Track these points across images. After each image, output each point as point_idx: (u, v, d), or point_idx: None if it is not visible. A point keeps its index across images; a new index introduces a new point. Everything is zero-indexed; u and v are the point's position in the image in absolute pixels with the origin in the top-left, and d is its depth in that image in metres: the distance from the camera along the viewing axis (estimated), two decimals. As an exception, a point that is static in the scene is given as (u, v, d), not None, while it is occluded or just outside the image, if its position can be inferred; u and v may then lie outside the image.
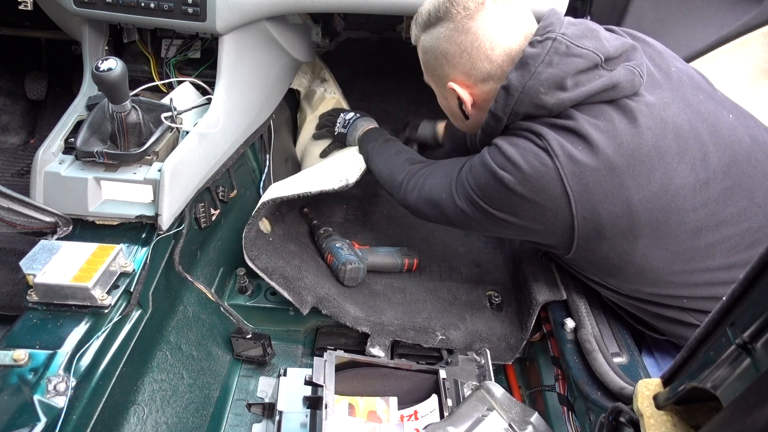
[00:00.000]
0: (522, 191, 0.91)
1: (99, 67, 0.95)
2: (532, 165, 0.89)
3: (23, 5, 1.51)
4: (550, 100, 0.89)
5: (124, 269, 0.99)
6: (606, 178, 0.87)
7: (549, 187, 0.89)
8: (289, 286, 1.25)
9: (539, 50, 0.90)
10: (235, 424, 1.20)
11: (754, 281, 0.43)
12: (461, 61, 0.98)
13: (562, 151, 0.87)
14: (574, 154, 0.87)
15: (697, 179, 0.89)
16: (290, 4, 1.21)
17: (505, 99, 0.93)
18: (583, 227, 0.91)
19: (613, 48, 0.91)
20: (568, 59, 0.88)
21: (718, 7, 1.32)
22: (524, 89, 0.90)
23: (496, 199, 0.96)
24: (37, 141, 1.98)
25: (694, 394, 0.52)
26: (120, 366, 0.94)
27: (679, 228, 0.89)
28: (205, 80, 1.29)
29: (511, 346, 1.23)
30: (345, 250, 1.37)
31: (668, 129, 0.89)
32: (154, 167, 1.09)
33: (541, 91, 0.89)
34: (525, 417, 0.87)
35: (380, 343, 1.21)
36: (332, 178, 1.34)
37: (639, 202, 0.87)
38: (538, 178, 0.89)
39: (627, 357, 1.01)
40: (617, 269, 0.97)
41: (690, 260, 0.92)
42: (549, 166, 0.88)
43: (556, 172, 0.88)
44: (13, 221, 0.98)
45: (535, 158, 0.89)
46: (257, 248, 1.27)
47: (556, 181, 0.88)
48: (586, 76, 0.89)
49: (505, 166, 0.92)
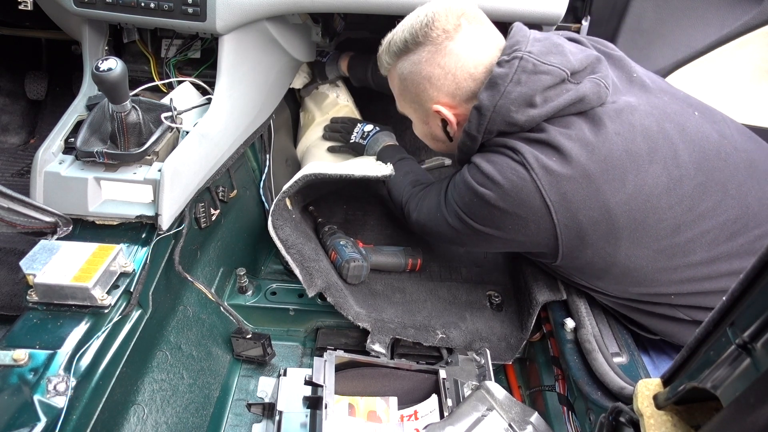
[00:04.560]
0: (503, 206, 0.94)
1: (99, 67, 0.95)
2: (510, 179, 0.92)
3: (23, 5, 1.51)
4: (522, 118, 0.92)
5: (124, 269, 0.99)
6: (582, 185, 0.90)
7: (528, 199, 0.92)
8: (304, 264, 1.24)
9: (507, 70, 0.92)
10: (235, 424, 1.20)
11: (754, 281, 0.43)
12: (446, 82, 1.00)
13: (537, 164, 0.90)
14: (549, 165, 0.90)
15: (670, 178, 0.91)
16: (290, 4, 1.21)
17: (477, 119, 0.96)
18: (566, 235, 0.94)
19: (578, 61, 0.94)
20: (535, 77, 0.91)
21: (718, 7, 1.33)
22: (496, 108, 0.93)
23: (480, 215, 0.99)
24: (37, 141, 1.98)
25: (694, 394, 0.52)
26: (120, 366, 0.94)
27: (657, 226, 0.92)
28: (205, 80, 1.29)
29: (511, 345, 1.23)
30: (349, 248, 1.37)
31: (637, 132, 0.92)
32: (154, 167, 1.09)
33: (512, 109, 0.92)
34: (525, 417, 0.87)
35: (380, 340, 1.21)
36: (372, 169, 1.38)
37: (616, 205, 0.90)
38: (517, 192, 0.92)
39: (627, 357, 1.01)
40: (603, 272, 0.99)
41: (672, 257, 0.94)
42: (526, 179, 0.91)
43: (534, 184, 0.90)
44: (13, 221, 0.98)
45: (512, 173, 0.92)
46: (283, 219, 1.28)
47: (535, 193, 0.91)
48: (554, 92, 0.92)
49: (485, 183, 0.95)
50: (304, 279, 1.23)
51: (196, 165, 1.17)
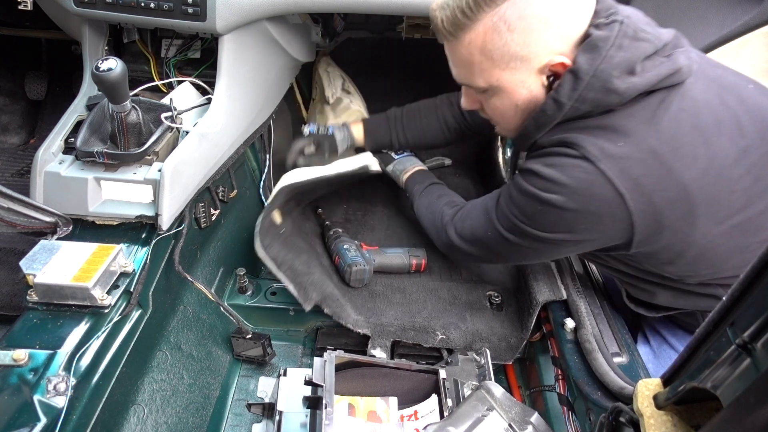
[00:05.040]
0: (574, 206, 0.88)
1: (99, 67, 0.95)
2: (576, 177, 0.86)
3: (23, 5, 1.51)
4: (622, 85, 0.84)
5: (124, 269, 0.99)
6: (653, 167, 0.85)
7: (600, 193, 0.86)
8: (297, 280, 1.25)
9: (608, 33, 0.85)
10: (235, 424, 1.20)
11: (754, 281, 0.43)
12: (562, 22, 0.86)
13: (601, 153, 0.85)
14: (614, 152, 0.85)
15: (737, 148, 0.88)
16: (290, 4, 1.21)
17: (572, 83, 0.86)
18: (642, 221, 0.88)
19: (665, 33, 0.89)
20: (636, 44, 0.85)
21: (718, 7, 1.32)
22: (596, 73, 0.84)
23: (548, 223, 0.93)
24: (37, 141, 1.99)
25: (694, 394, 0.52)
26: (120, 366, 0.94)
27: (730, 198, 0.89)
28: (205, 80, 1.29)
29: (511, 345, 1.23)
30: (352, 252, 1.38)
31: (700, 106, 0.88)
32: (154, 167, 1.09)
33: (614, 75, 0.84)
34: (525, 417, 0.87)
35: (381, 344, 1.22)
36: (351, 163, 1.36)
37: (691, 180, 0.86)
38: (586, 188, 0.86)
39: (627, 357, 1.01)
40: (677, 256, 0.95)
41: (746, 233, 0.91)
42: (593, 172, 0.85)
43: (603, 176, 0.85)
44: (13, 221, 0.98)
45: (577, 170, 0.86)
46: (270, 237, 1.27)
47: (605, 185, 0.85)
48: (650, 63, 0.85)
49: (549, 188, 0.89)
50: (298, 294, 1.24)
51: (196, 165, 1.17)
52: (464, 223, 1.13)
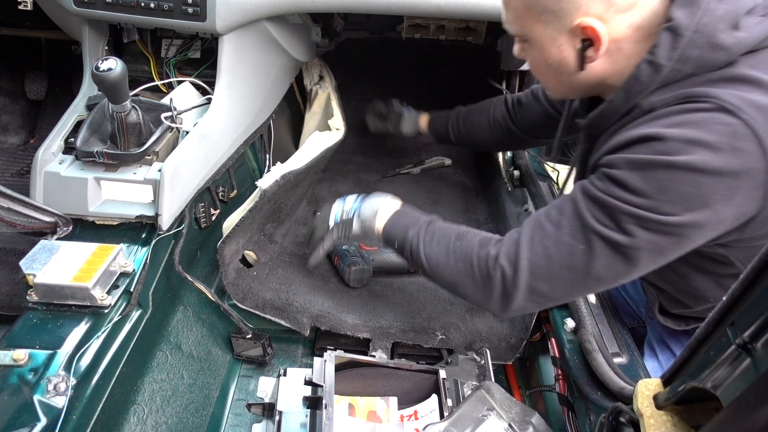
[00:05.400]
0: (718, 165, 0.73)
1: (99, 67, 0.95)
2: (717, 131, 0.73)
3: (23, 5, 1.51)
4: (729, 40, 0.75)
5: (124, 269, 0.99)
6: None
7: (744, 147, 0.73)
8: (283, 315, 1.27)
9: None
10: (235, 424, 1.20)
11: (754, 281, 0.43)
12: None
13: (742, 102, 0.73)
14: (757, 100, 0.73)
15: None
16: (290, 4, 1.21)
17: (671, 42, 0.76)
18: None
19: None
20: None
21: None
22: (698, 27, 0.75)
23: (680, 198, 0.76)
24: (37, 141, 1.98)
25: (694, 394, 0.52)
26: (120, 366, 0.94)
27: None
28: (205, 80, 1.29)
29: (511, 345, 1.23)
30: (351, 252, 1.39)
31: None
32: (154, 167, 1.09)
33: (719, 28, 0.75)
34: (525, 417, 0.87)
35: (382, 346, 1.22)
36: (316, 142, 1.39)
37: None
38: (729, 143, 0.73)
39: (627, 357, 1.01)
40: None
41: None
42: (734, 123, 0.73)
43: (746, 127, 0.72)
44: (13, 221, 0.98)
45: (716, 123, 0.73)
46: (241, 289, 1.28)
47: (749, 137, 0.73)
48: (751, 19, 0.77)
49: (686, 150, 0.74)
50: (292, 325, 1.26)
51: (196, 165, 1.17)
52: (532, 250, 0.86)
